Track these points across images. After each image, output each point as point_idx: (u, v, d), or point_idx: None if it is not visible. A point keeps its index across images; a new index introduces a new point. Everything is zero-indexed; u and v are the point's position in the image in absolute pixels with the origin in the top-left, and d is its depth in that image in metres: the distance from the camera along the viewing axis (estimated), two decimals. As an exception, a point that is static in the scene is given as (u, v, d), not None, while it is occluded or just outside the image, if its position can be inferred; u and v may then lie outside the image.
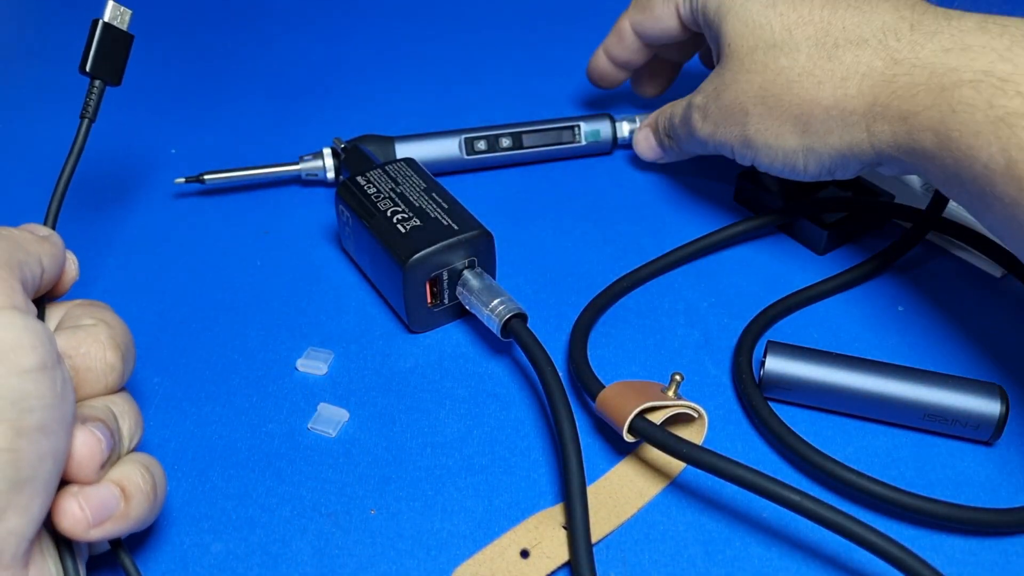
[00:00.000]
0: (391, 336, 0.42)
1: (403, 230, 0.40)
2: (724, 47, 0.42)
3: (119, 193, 0.51)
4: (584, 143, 0.54)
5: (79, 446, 0.27)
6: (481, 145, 0.52)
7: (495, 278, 0.42)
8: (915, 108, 0.35)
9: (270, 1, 0.73)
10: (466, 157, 0.52)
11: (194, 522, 0.34)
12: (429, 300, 0.41)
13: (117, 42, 0.37)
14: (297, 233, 0.49)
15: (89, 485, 0.28)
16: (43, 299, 0.32)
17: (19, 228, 0.31)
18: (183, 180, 0.50)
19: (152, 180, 0.52)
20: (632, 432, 0.34)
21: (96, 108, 0.37)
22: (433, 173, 0.51)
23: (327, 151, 0.51)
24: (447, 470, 0.36)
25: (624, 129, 0.54)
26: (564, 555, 0.33)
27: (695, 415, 0.35)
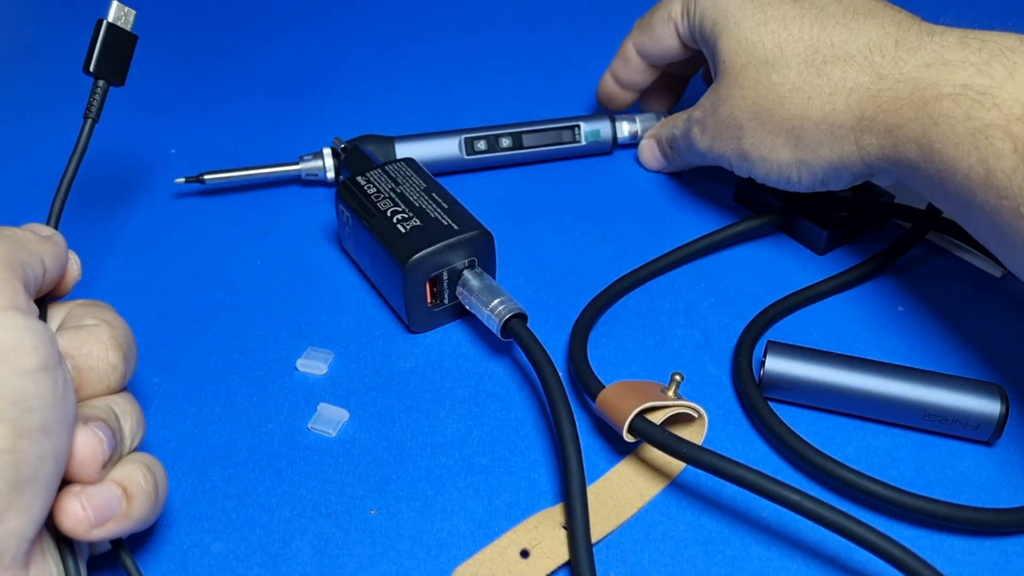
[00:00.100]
0: (391, 336, 0.42)
1: (403, 230, 0.40)
2: (719, 63, 0.44)
3: (119, 193, 0.51)
4: (584, 143, 0.54)
5: (81, 446, 0.27)
6: (481, 145, 0.52)
7: (495, 278, 0.42)
8: (899, 121, 0.36)
9: (270, 1, 0.73)
10: (466, 157, 0.52)
11: (194, 522, 0.34)
12: (429, 300, 0.41)
13: (121, 42, 0.37)
14: (297, 233, 0.49)
15: (91, 485, 0.28)
16: (45, 299, 0.32)
17: (21, 228, 0.31)
18: (183, 180, 0.50)
19: (152, 180, 0.52)
20: (632, 432, 0.34)
21: (100, 108, 0.37)
22: (433, 173, 0.51)
23: (327, 151, 0.51)
24: (447, 470, 0.36)
25: (624, 129, 0.54)
26: (564, 555, 0.33)
27: (695, 415, 0.35)
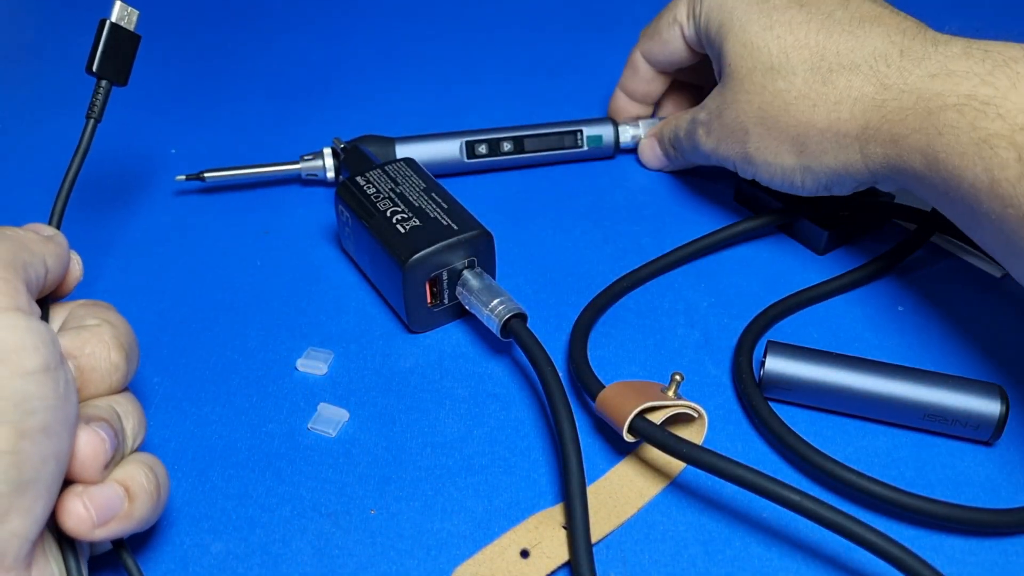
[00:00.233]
0: (391, 336, 0.42)
1: (403, 230, 0.40)
2: (725, 67, 0.43)
3: (119, 193, 0.51)
4: (586, 148, 0.53)
5: (83, 446, 0.27)
6: (482, 149, 0.52)
7: (495, 278, 0.42)
8: (904, 131, 0.37)
9: (270, 1, 0.73)
10: (467, 160, 0.52)
11: (194, 522, 0.34)
12: (429, 300, 0.41)
13: (124, 43, 0.37)
14: (297, 233, 0.49)
15: (93, 485, 0.28)
16: (47, 299, 0.32)
17: (23, 228, 0.31)
18: (184, 177, 0.50)
19: (152, 180, 0.52)
20: (632, 432, 0.34)
21: (102, 108, 0.37)
22: (433, 175, 0.51)
23: (327, 151, 0.51)
24: (447, 470, 0.36)
25: (627, 134, 0.54)
26: (564, 555, 0.33)
27: (695, 415, 0.35)
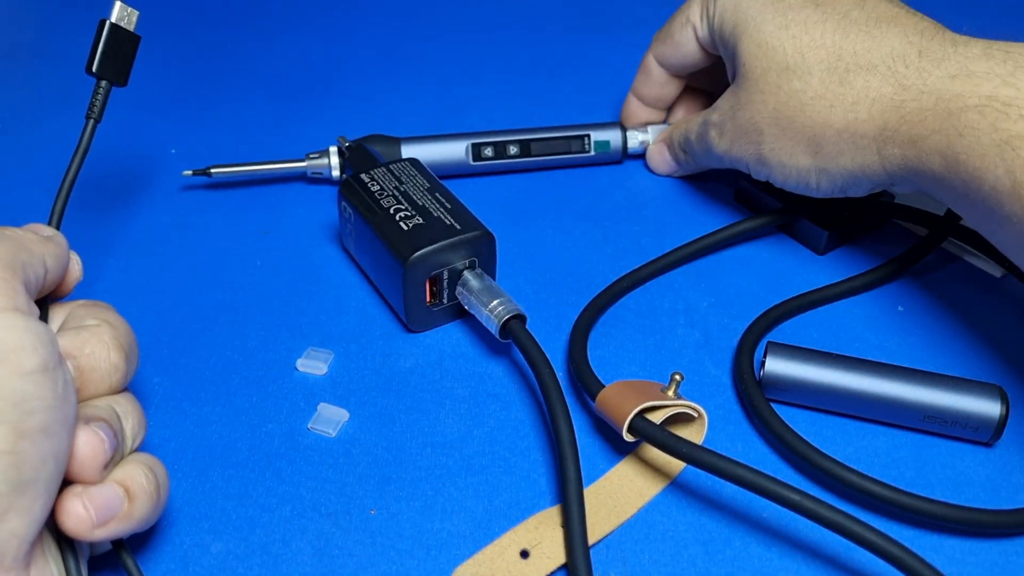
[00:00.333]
0: (391, 336, 0.42)
1: (405, 228, 0.40)
2: (739, 67, 0.43)
3: (119, 193, 0.51)
4: (593, 153, 0.53)
5: (82, 446, 0.27)
6: (488, 152, 0.52)
7: (495, 279, 0.42)
8: (923, 132, 0.36)
9: (270, 1, 0.73)
10: (472, 163, 0.52)
11: (194, 522, 0.34)
12: (428, 299, 0.41)
13: (124, 43, 0.37)
14: (297, 233, 0.49)
15: (93, 485, 0.28)
16: (46, 300, 0.32)
17: (23, 228, 0.31)
18: (191, 173, 0.50)
19: (152, 180, 0.52)
20: (632, 432, 0.34)
21: (102, 109, 0.37)
22: (438, 176, 0.51)
23: (333, 149, 0.51)
24: (447, 470, 0.36)
25: (635, 139, 0.53)
26: (564, 556, 0.33)
27: (695, 415, 0.35)
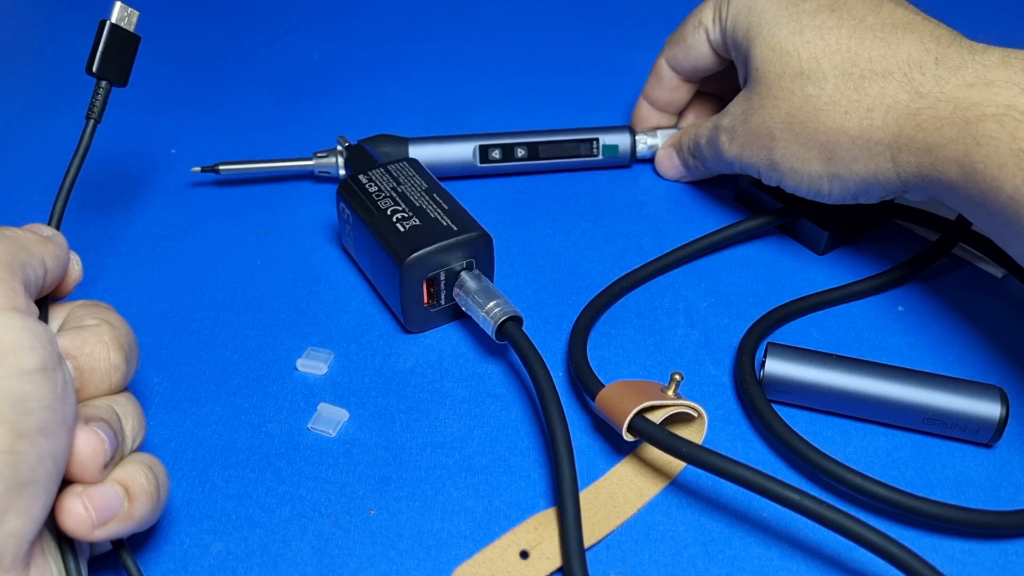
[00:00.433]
0: (391, 336, 0.42)
1: (402, 229, 0.40)
2: (752, 71, 0.43)
3: (120, 193, 0.51)
4: (601, 157, 0.52)
5: (82, 446, 0.27)
6: (496, 154, 0.52)
7: (493, 281, 0.42)
8: (940, 141, 0.36)
9: (270, 1, 0.73)
10: (479, 165, 0.52)
11: (194, 522, 0.34)
12: (426, 300, 0.41)
13: (124, 43, 0.37)
14: (297, 233, 0.49)
15: (93, 485, 0.28)
16: (46, 300, 0.32)
17: (23, 228, 0.31)
18: (199, 169, 0.50)
19: (153, 180, 0.52)
20: (632, 431, 0.34)
21: (102, 109, 0.37)
22: (445, 176, 0.51)
23: (340, 148, 0.51)
24: (447, 470, 0.36)
25: (644, 143, 0.53)
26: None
27: (695, 415, 0.35)
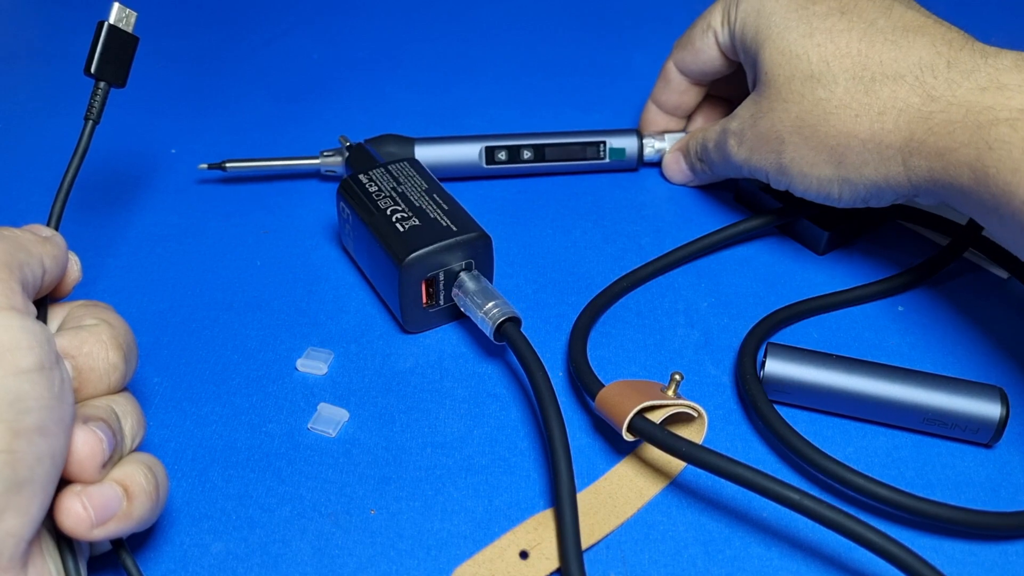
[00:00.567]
0: (391, 336, 0.42)
1: (401, 229, 0.40)
2: (761, 74, 0.42)
3: (119, 193, 0.51)
4: (608, 160, 0.52)
5: (80, 445, 0.27)
6: (502, 156, 0.52)
7: (492, 281, 0.42)
8: (952, 145, 0.36)
9: (270, 1, 0.73)
10: (485, 166, 0.52)
11: (194, 522, 0.34)
12: (424, 300, 0.41)
13: (122, 44, 0.37)
14: (297, 233, 0.49)
15: (92, 485, 0.28)
16: (45, 300, 0.32)
17: (22, 229, 0.31)
18: (206, 166, 0.51)
19: (153, 181, 0.53)
20: (631, 431, 0.34)
21: (100, 110, 0.37)
22: (450, 177, 0.51)
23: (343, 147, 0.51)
24: (447, 470, 0.36)
25: (651, 147, 0.52)
26: (564, 555, 0.33)
27: (695, 415, 0.35)
